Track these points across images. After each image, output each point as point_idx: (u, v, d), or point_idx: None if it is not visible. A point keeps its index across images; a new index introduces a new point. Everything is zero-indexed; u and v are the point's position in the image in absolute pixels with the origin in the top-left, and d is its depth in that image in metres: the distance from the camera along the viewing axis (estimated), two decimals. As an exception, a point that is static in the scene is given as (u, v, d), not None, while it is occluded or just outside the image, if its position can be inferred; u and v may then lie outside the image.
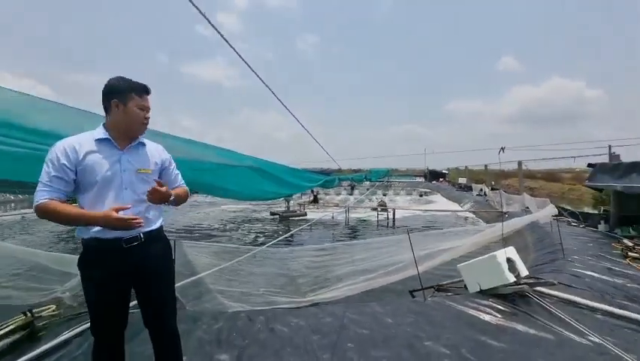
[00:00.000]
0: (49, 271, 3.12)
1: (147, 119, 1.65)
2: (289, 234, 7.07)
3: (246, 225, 13.22)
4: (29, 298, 2.97)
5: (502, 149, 3.21)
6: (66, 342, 2.37)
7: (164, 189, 1.57)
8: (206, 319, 2.78)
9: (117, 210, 1.46)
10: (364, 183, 30.91)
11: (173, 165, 1.86)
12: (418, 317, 3.00)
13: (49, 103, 2.33)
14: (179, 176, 1.90)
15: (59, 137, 2.13)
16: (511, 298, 3.37)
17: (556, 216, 7.17)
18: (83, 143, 1.55)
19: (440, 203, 21.25)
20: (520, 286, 3.33)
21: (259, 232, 11.46)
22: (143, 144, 1.72)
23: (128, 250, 1.58)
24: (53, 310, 2.71)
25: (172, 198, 1.66)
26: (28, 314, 2.48)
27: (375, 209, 14.35)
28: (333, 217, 13.39)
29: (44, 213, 1.45)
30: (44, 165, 1.50)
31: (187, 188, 1.92)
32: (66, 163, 1.49)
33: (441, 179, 42.35)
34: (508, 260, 3.51)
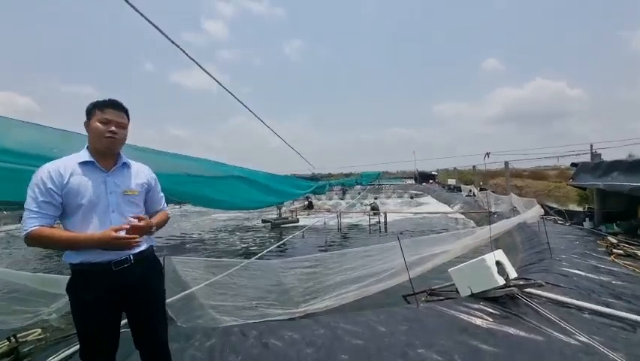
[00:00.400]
0: (34, 292, 3.04)
1: (112, 132, 1.57)
2: (281, 242, 7.03)
3: (237, 233, 13.10)
4: (14, 321, 2.88)
5: (488, 154, 3.28)
6: (53, 368, 2.32)
7: (143, 223, 1.55)
8: (199, 336, 2.74)
9: (116, 231, 1.47)
10: (355, 187, 31.05)
11: (159, 186, 1.85)
12: (412, 324, 3.02)
13: (23, 123, 2.29)
14: (163, 198, 1.88)
15: (35, 156, 2.11)
16: (502, 300, 3.42)
17: (543, 215, 7.31)
18: (67, 166, 1.53)
19: (431, 205, 21.45)
20: (509, 289, 3.38)
21: (251, 241, 11.37)
22: (128, 165, 1.70)
23: (118, 273, 1.56)
24: (39, 334, 2.64)
25: (154, 229, 1.65)
26: (13, 340, 2.42)
27: (367, 213, 14.39)
28: (325, 223, 13.38)
29: (35, 240, 1.43)
30: (29, 191, 1.47)
31: (168, 211, 1.90)
32: (52, 187, 1.47)
33: (431, 180, 42.78)
34: (497, 263, 3.57)
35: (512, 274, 3.62)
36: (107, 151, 1.61)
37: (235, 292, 3.45)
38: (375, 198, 25.14)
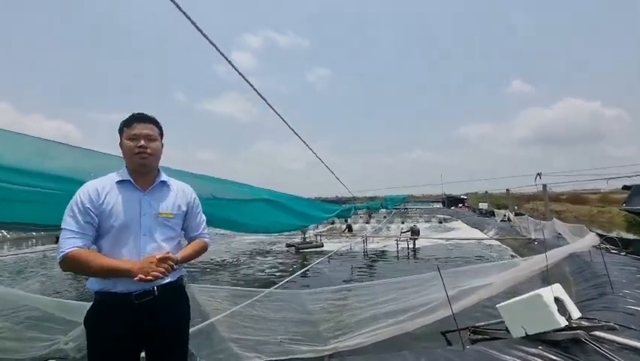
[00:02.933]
0: (53, 319, 2.92)
1: (141, 147, 1.45)
2: (306, 268, 6.73)
3: (259, 258, 12.87)
4: (29, 350, 2.76)
5: (539, 175, 2.91)
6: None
7: (163, 266, 1.37)
8: (219, 375, 2.48)
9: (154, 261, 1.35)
10: (381, 211, 30.33)
11: (199, 209, 1.69)
12: (459, 370, 2.61)
13: (61, 145, 2.21)
14: (203, 224, 1.71)
15: (71, 180, 2.02)
16: (564, 344, 2.93)
17: (599, 244, 6.59)
18: (105, 185, 1.44)
19: (462, 230, 20.36)
20: (574, 332, 2.89)
21: (274, 267, 11.09)
22: (167, 184, 1.57)
23: (139, 307, 1.38)
24: (53, 366, 2.47)
25: (176, 267, 1.47)
26: (25, 373, 2.26)
27: (404, 234, 13.82)
28: (351, 248, 12.92)
29: (72, 263, 1.31)
30: (67, 210, 1.38)
31: (207, 240, 1.72)
32: (90, 207, 1.38)
33: (460, 204, 41.20)
34: (556, 299, 3.11)
35: (575, 313, 3.13)
36: (140, 169, 1.48)
37: (258, 324, 3.17)
38: (402, 222, 24.38)
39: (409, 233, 14.16)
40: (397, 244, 12.89)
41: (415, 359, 2.76)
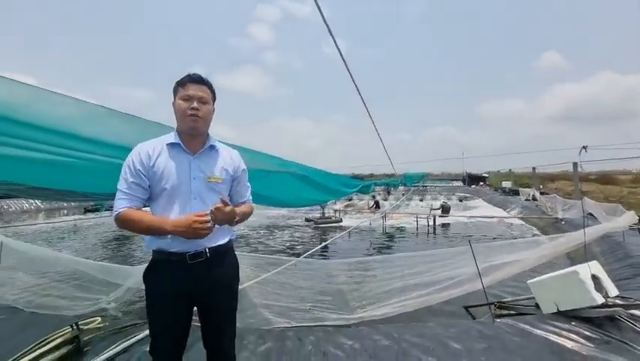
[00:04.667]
0: (95, 280, 3.09)
1: (194, 109, 1.43)
2: (328, 242, 6.81)
3: (277, 231, 13.11)
4: (76, 308, 2.94)
5: (585, 148, 2.76)
6: (110, 360, 2.26)
7: (228, 208, 1.39)
8: (253, 338, 2.57)
9: (197, 218, 1.35)
10: (399, 188, 30.09)
11: (246, 175, 1.69)
12: (490, 342, 2.60)
13: (112, 112, 2.18)
14: (249, 190, 1.73)
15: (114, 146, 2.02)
16: (598, 322, 2.87)
17: (635, 224, 6.32)
18: (156, 147, 1.45)
19: (483, 208, 19.96)
20: (612, 309, 2.82)
21: (294, 240, 11.30)
22: (216, 149, 1.56)
23: (192, 267, 1.43)
24: (98, 323, 2.63)
25: (237, 218, 1.49)
26: (74, 327, 2.41)
27: (432, 210, 13.74)
28: (370, 224, 12.96)
29: (125, 222, 1.37)
30: (122, 171, 1.43)
31: (253, 204, 1.75)
32: (140, 169, 1.41)
33: (481, 183, 40.32)
34: (593, 277, 3.02)
35: (612, 291, 3.04)
36: (191, 131, 1.48)
37: (288, 292, 3.26)
38: (421, 200, 24.14)
39: (440, 210, 14.10)
40: (417, 221, 12.81)
41: (444, 330, 2.77)
